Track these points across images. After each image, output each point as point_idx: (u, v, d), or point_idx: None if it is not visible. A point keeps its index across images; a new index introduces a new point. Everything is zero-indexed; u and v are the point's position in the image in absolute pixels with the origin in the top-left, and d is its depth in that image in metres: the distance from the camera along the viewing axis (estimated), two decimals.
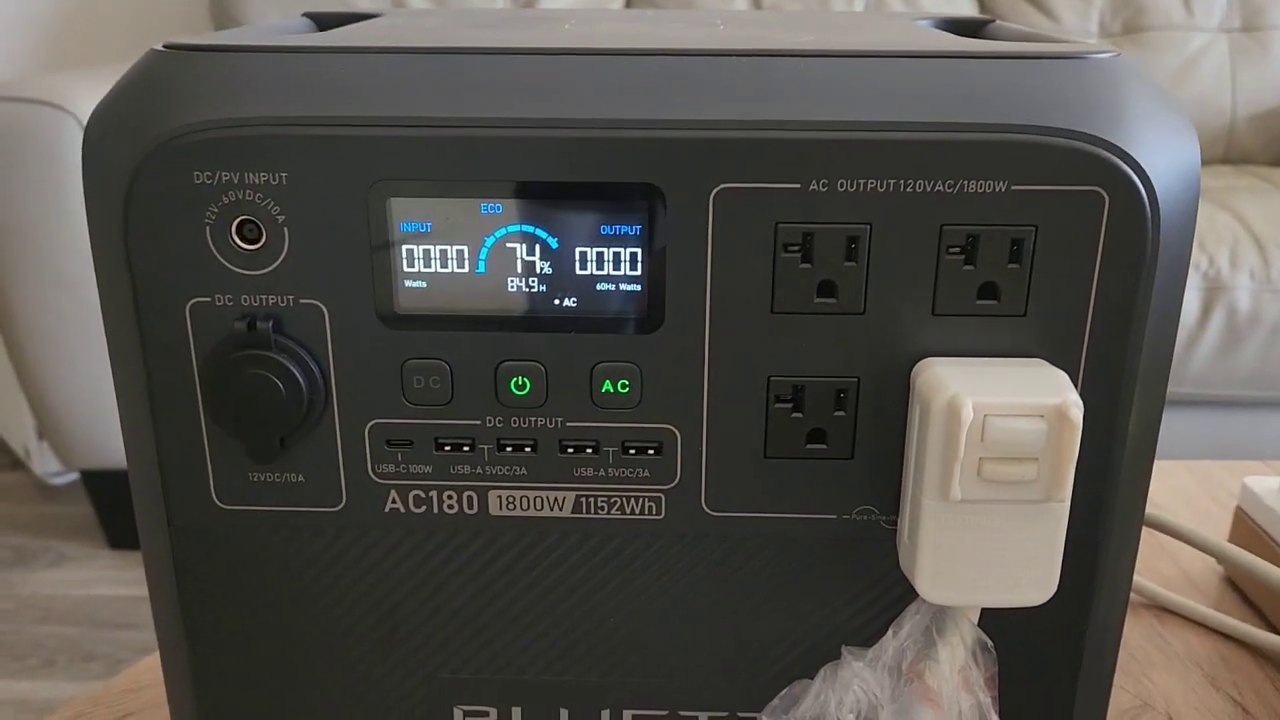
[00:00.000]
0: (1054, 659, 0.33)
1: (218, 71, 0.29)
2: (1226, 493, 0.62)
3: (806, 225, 0.28)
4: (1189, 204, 0.28)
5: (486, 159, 0.28)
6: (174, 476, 0.31)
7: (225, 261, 0.29)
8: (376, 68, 0.29)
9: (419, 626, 0.33)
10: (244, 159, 0.28)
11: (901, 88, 0.28)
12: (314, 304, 0.30)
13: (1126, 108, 0.28)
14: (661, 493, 0.31)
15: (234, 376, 0.30)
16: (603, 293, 0.30)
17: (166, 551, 0.33)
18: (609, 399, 0.30)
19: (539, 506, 0.32)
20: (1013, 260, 0.29)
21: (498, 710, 0.35)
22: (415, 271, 0.29)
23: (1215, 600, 0.51)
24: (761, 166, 0.28)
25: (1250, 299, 1.27)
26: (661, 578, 0.32)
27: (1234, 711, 0.44)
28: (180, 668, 0.34)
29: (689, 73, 0.29)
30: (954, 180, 0.28)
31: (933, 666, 0.29)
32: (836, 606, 0.33)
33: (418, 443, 0.31)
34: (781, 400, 0.30)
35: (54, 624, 1.39)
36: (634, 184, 0.28)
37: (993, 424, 0.27)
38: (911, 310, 0.29)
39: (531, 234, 0.29)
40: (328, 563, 0.33)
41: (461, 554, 0.32)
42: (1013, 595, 0.29)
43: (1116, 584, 0.32)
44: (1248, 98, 1.69)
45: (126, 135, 0.29)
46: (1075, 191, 0.28)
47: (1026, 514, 0.28)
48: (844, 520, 0.31)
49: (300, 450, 0.31)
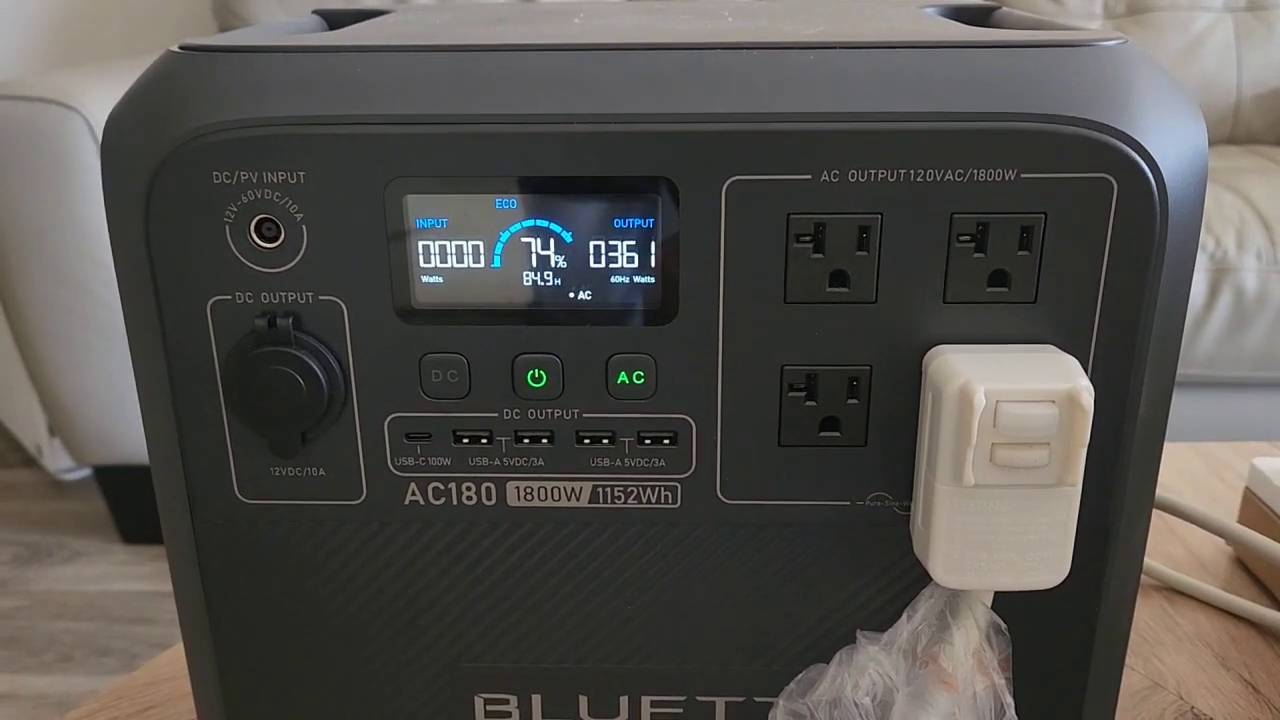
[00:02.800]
0: (1066, 641, 0.33)
1: (235, 72, 0.29)
2: (1235, 474, 0.62)
3: (818, 216, 0.29)
4: (1197, 190, 0.29)
5: (500, 154, 0.29)
6: (197, 472, 0.32)
7: (245, 260, 0.30)
8: (391, 66, 0.29)
9: (439, 617, 0.34)
10: (262, 158, 0.29)
11: (910, 78, 0.28)
12: (333, 300, 0.30)
13: (1134, 95, 0.28)
14: (677, 482, 0.32)
15: (255, 373, 0.30)
16: (617, 285, 0.30)
17: (190, 546, 0.33)
18: (624, 390, 0.31)
19: (556, 497, 0.32)
20: (1022, 248, 0.29)
21: (517, 699, 0.35)
22: (432, 267, 0.30)
23: (1225, 581, 0.52)
24: (773, 158, 0.28)
25: (1257, 280, 1.27)
26: (678, 566, 0.33)
27: (1244, 691, 0.44)
28: (205, 660, 0.35)
29: (699, 66, 0.29)
30: (963, 169, 0.28)
31: (947, 650, 0.30)
32: (851, 592, 0.33)
33: (436, 436, 0.31)
34: (795, 389, 0.31)
35: (69, 620, 1.40)
36: (646, 177, 0.29)
37: (1005, 410, 0.27)
38: (923, 298, 0.29)
39: (546, 228, 0.29)
40: (349, 555, 0.33)
41: (480, 545, 0.33)
42: (1026, 578, 0.29)
43: (1128, 566, 0.32)
44: (1253, 78, 1.68)
45: (145, 137, 0.29)
46: (1084, 179, 0.28)
47: (1039, 498, 0.28)
48: (858, 507, 0.32)
49: (321, 445, 0.32)
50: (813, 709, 0.31)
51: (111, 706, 0.44)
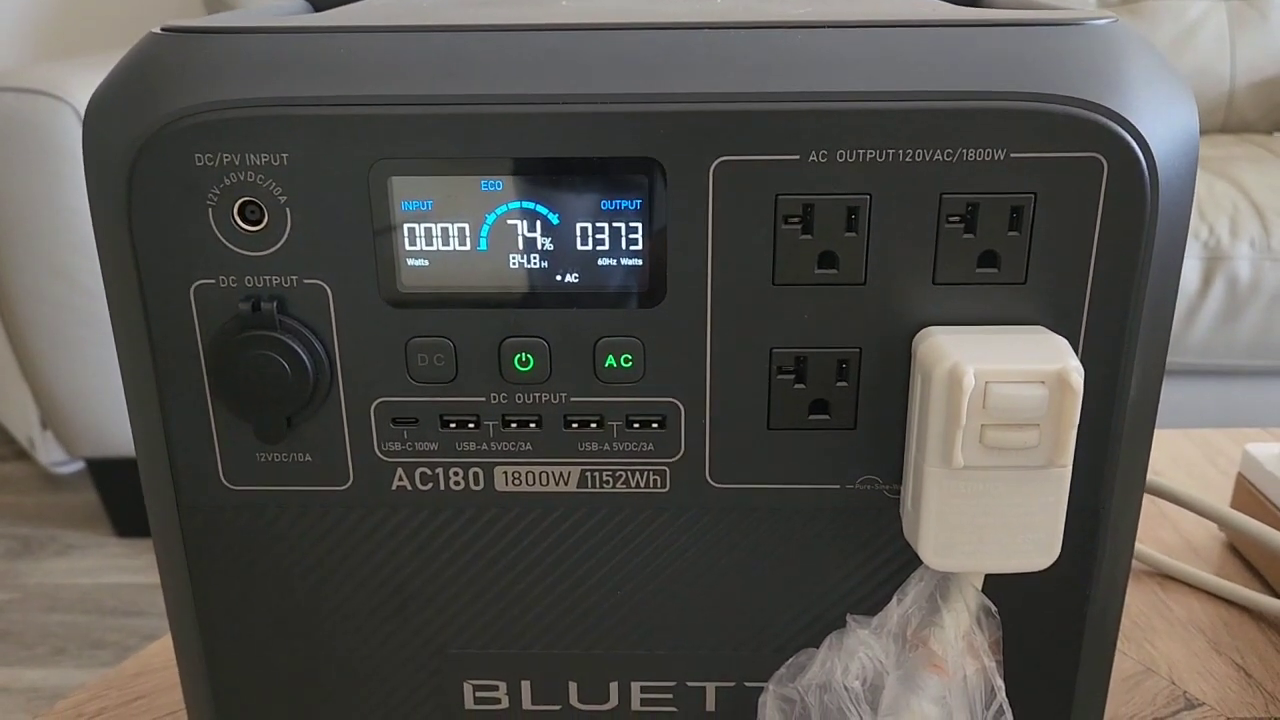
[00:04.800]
0: (1057, 624, 0.33)
1: (216, 53, 0.29)
2: (1227, 460, 0.62)
3: (806, 197, 0.28)
4: (1188, 169, 0.29)
5: (486, 136, 0.28)
6: (182, 459, 0.32)
7: (228, 243, 0.29)
8: (375, 47, 0.29)
9: (427, 603, 0.34)
10: (244, 140, 0.28)
11: (899, 57, 0.28)
12: (318, 284, 0.30)
13: (1124, 74, 0.28)
14: (666, 466, 0.32)
15: (240, 358, 0.30)
16: (604, 268, 0.30)
17: (176, 533, 0.33)
18: (612, 374, 0.30)
19: (544, 482, 0.32)
20: (1012, 228, 0.29)
21: (506, 684, 0.35)
22: (417, 250, 0.30)
23: (1217, 567, 0.52)
24: (760, 139, 0.28)
25: (1250, 268, 1.27)
26: (667, 550, 0.33)
27: (1237, 675, 0.44)
28: (192, 648, 0.35)
29: (687, 46, 0.29)
30: (953, 149, 0.28)
31: (937, 633, 0.30)
32: (841, 575, 0.33)
33: (423, 420, 0.31)
34: (784, 372, 0.30)
35: (62, 613, 1.40)
36: (634, 158, 0.28)
37: (994, 390, 0.27)
38: (912, 280, 0.29)
39: (532, 210, 0.29)
40: (336, 541, 0.33)
41: (468, 530, 0.33)
42: (1016, 560, 0.29)
43: (1118, 548, 0.32)
44: (1247, 66, 1.68)
45: (126, 119, 0.29)
46: (1074, 158, 0.28)
47: (1029, 479, 0.28)
48: (847, 490, 0.32)
49: (307, 430, 0.31)
50: (803, 693, 0.31)
51: (100, 696, 0.44)
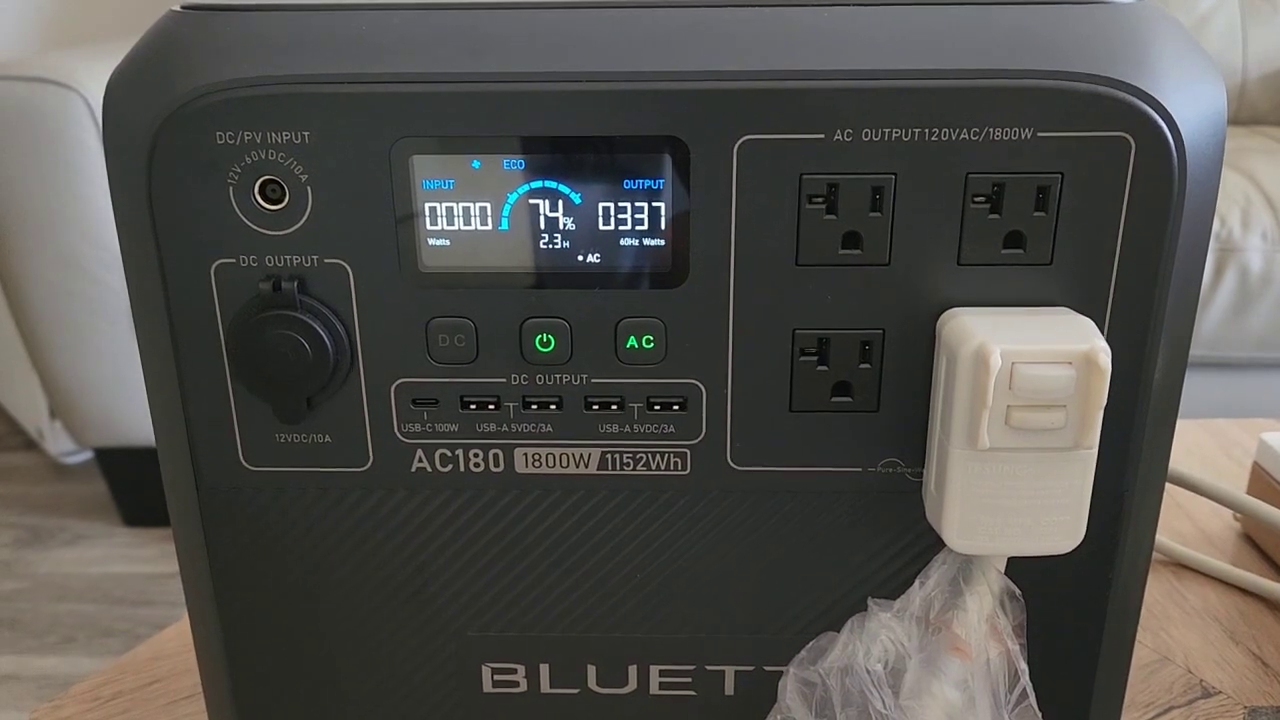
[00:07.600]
0: (1079, 608, 0.33)
1: (236, 31, 0.29)
2: (1243, 450, 0.62)
3: (831, 176, 0.28)
4: (1215, 149, 0.28)
5: (508, 114, 0.28)
6: (201, 439, 0.32)
7: (249, 222, 0.29)
8: (397, 24, 0.29)
9: (446, 585, 0.33)
10: (265, 118, 0.28)
11: (925, 35, 0.28)
12: (338, 263, 0.30)
13: (1152, 52, 0.28)
14: (687, 448, 0.31)
15: (260, 338, 0.30)
16: (626, 248, 0.29)
17: (195, 514, 0.33)
18: (634, 355, 0.30)
19: (565, 464, 0.32)
20: (1038, 208, 0.28)
21: (525, 667, 0.35)
22: (439, 229, 0.29)
23: (1233, 556, 0.52)
24: (785, 117, 0.28)
25: (1262, 260, 1.26)
26: (687, 533, 0.33)
27: (1253, 664, 0.44)
28: (210, 630, 0.34)
29: (711, 24, 0.28)
30: (979, 128, 0.28)
31: (960, 616, 0.30)
32: (863, 559, 0.33)
33: (443, 402, 0.31)
34: (806, 353, 0.30)
35: (71, 602, 1.40)
36: (657, 137, 0.28)
37: (1021, 371, 0.27)
38: (937, 260, 0.29)
39: (554, 190, 0.29)
40: (355, 523, 0.33)
41: (488, 512, 0.33)
42: (1040, 543, 0.29)
43: (1141, 532, 0.32)
44: (1259, 57, 1.67)
45: (146, 97, 0.29)
46: (1101, 138, 0.28)
47: (1054, 461, 0.28)
48: (870, 473, 0.32)
49: (327, 411, 0.31)
50: (824, 676, 0.31)
51: (117, 680, 0.44)
